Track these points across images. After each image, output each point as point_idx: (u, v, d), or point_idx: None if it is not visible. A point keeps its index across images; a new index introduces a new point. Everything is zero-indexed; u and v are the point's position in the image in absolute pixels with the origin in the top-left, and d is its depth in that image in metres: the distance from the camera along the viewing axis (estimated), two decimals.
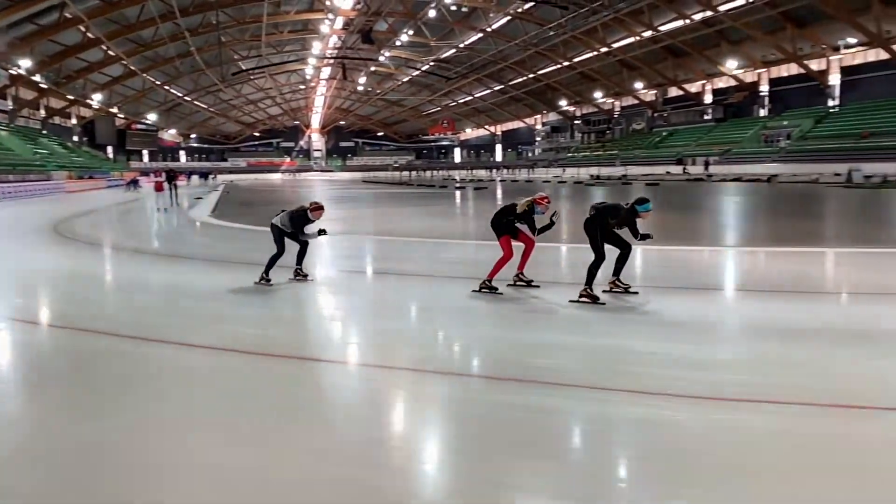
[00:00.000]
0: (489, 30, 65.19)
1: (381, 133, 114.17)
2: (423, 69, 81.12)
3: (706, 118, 64.74)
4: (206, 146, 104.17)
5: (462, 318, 6.61)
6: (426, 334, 6.17)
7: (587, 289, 6.74)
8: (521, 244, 7.50)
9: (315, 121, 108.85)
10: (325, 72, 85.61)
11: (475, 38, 68.20)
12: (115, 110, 77.56)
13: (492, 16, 62.31)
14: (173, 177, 27.68)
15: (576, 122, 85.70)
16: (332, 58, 76.10)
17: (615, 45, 62.56)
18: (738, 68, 58.99)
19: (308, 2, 62.39)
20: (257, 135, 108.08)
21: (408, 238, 13.49)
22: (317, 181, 71.62)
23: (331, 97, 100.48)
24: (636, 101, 74.36)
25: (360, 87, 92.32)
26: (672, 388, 4.31)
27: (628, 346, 5.41)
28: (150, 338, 5.81)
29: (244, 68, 74.99)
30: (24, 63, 51.60)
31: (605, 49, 63.65)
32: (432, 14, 59.73)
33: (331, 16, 62.51)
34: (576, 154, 78.88)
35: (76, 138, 72.13)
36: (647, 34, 58.02)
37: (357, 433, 3.83)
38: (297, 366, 5.10)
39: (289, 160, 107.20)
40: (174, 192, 26.55)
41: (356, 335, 6.30)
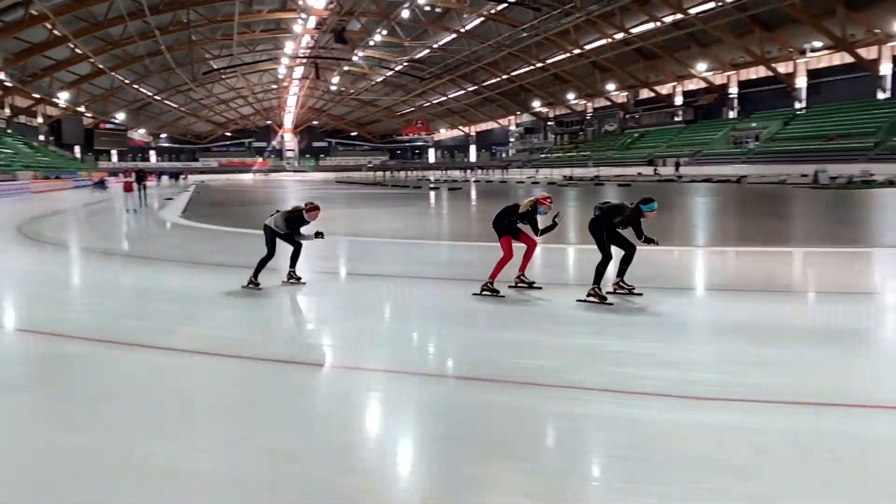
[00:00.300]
0: (462, 31, 65.31)
1: (355, 133, 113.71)
2: (396, 69, 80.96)
3: (677, 120, 65.60)
4: (176, 146, 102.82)
5: (436, 318, 6.61)
6: (401, 335, 6.15)
7: (595, 288, 6.74)
8: (523, 245, 7.38)
9: (288, 121, 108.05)
10: (298, 71, 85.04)
11: (449, 38, 68.26)
12: (82, 109, 76.20)
13: (465, 17, 62.42)
14: (143, 177, 27.24)
15: (549, 123, 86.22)
16: (304, 57, 75.60)
17: (587, 47, 63.09)
18: (707, 71, 59.88)
19: (280, 1, 61.86)
20: (229, 135, 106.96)
21: (382, 239, 13.45)
22: (289, 181, 71.05)
23: (304, 97, 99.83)
24: (608, 103, 75.07)
25: (333, 87, 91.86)
26: (643, 387, 4.35)
27: (600, 345, 5.44)
28: (119, 341, 5.70)
29: (215, 67, 74.16)
30: None
31: (577, 51, 64.16)
32: (406, 14, 59.66)
33: (303, 15, 62.09)
34: (549, 155, 79.35)
35: (42, 138, 70.67)
36: (619, 36, 58.63)
37: (330, 436, 3.80)
38: (270, 368, 5.05)
39: (261, 160, 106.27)
40: (143, 192, 26.15)
41: (329, 337, 6.26)
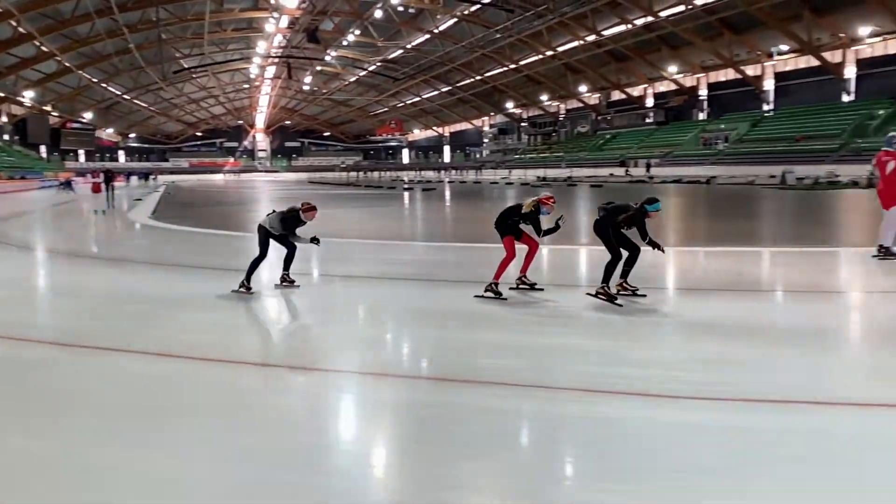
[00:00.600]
0: (436, 31, 65.35)
1: (328, 133, 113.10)
2: (370, 69, 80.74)
3: (648, 121, 66.40)
4: (146, 146, 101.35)
5: (411, 319, 6.60)
6: (373, 336, 6.13)
7: (604, 287, 6.75)
8: (525, 246, 7.32)
9: (259, 120, 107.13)
10: (270, 71, 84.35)
11: (422, 39, 68.27)
12: (48, 108, 74.70)
13: (439, 17, 62.46)
14: (111, 178, 26.77)
15: (522, 124, 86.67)
16: (277, 57, 75.00)
17: (560, 49, 63.56)
18: (678, 73, 60.70)
19: (252, 0, 61.34)
20: (199, 134, 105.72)
21: (355, 240, 13.39)
22: (261, 182, 70.45)
23: (276, 97, 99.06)
24: (581, 104, 75.69)
25: (305, 87, 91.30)
26: (613, 386, 4.39)
27: (571, 344, 5.48)
28: (84, 345, 5.60)
29: (186, 66, 73.24)
30: None
31: (550, 52, 64.59)
32: (379, 14, 59.52)
33: (275, 14, 61.62)
34: (523, 156, 79.75)
35: (7, 137, 69.13)
36: (591, 38, 59.18)
37: (303, 438, 3.77)
38: (240, 371, 4.99)
39: (232, 160, 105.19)
40: (111, 193, 25.70)
41: (302, 339, 6.22)
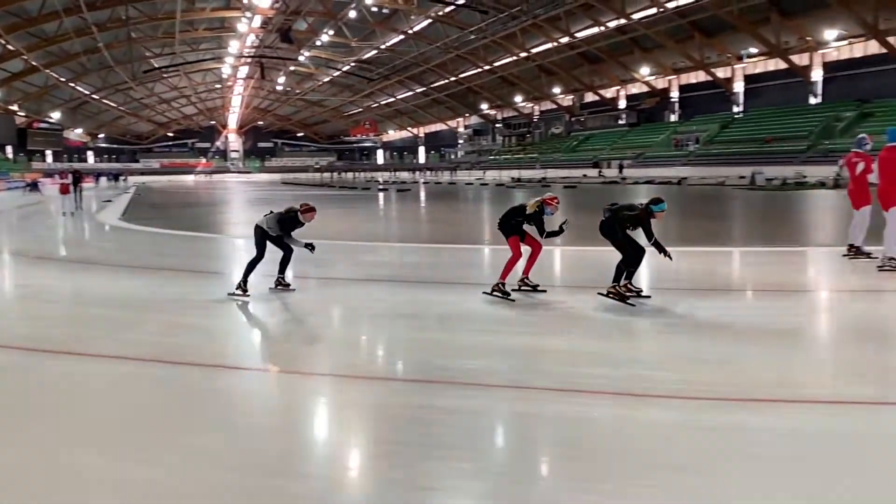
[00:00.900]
0: (410, 32, 65.31)
1: (302, 134, 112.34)
2: (344, 70, 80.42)
3: (620, 123, 67.00)
4: (115, 146, 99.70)
5: (385, 321, 6.58)
6: (348, 339, 6.10)
7: (615, 286, 6.77)
8: (528, 247, 7.27)
9: (232, 121, 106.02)
10: (243, 71, 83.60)
11: (396, 39, 68.17)
12: (14, 108, 73.10)
13: (413, 18, 62.43)
14: (79, 179, 26.26)
15: (497, 125, 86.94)
16: (249, 57, 74.37)
17: (534, 51, 63.91)
18: (650, 75, 61.38)
19: None
20: (171, 135, 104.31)
21: (330, 241, 13.29)
22: (234, 183, 69.74)
23: (248, 97, 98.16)
24: (555, 106, 76.13)
25: (279, 87, 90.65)
26: (591, 386, 4.42)
27: (547, 344, 5.50)
28: (53, 350, 5.49)
29: (157, 66, 72.30)
30: None
31: (524, 54, 64.90)
32: (353, 15, 59.32)
33: (248, 14, 61.08)
34: (497, 157, 79.99)
35: None
36: (565, 40, 59.59)
37: (273, 442, 3.73)
38: (212, 374, 4.93)
39: (204, 161, 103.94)
40: (79, 194, 25.21)
41: (276, 341, 6.16)
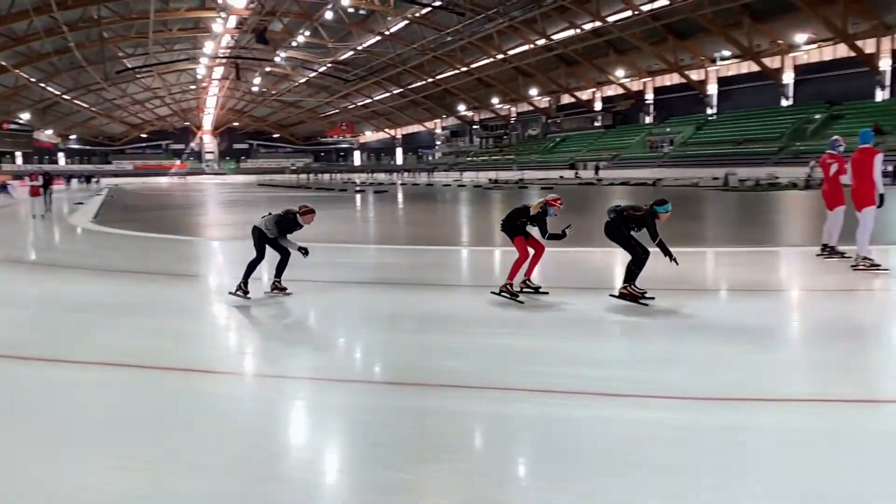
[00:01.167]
0: (387, 33, 65.18)
1: (278, 135, 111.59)
2: (320, 71, 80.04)
3: (596, 125, 67.52)
4: (87, 148, 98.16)
5: (363, 323, 6.54)
6: (325, 341, 6.05)
7: (627, 287, 6.76)
8: (531, 249, 7.25)
9: (207, 122, 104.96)
10: (218, 72, 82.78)
11: (373, 40, 68.01)
12: None
13: (389, 19, 62.33)
14: (49, 181, 25.79)
15: (474, 126, 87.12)
16: (224, 57, 73.66)
17: (510, 53, 64.16)
18: (625, 77, 61.96)
19: None
20: (144, 136, 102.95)
21: (306, 243, 13.20)
22: (209, 184, 69.01)
23: (224, 98, 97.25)
24: (531, 108, 76.50)
25: (254, 88, 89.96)
26: (567, 386, 4.43)
27: (523, 345, 5.50)
28: (24, 356, 5.37)
29: (130, 66, 71.26)
30: None
31: (500, 56, 65.10)
32: (329, 16, 59.02)
33: (223, 14, 60.43)
34: (475, 158, 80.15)
35: None
36: (541, 42, 59.91)
37: (252, 446, 3.68)
38: (186, 378, 4.86)
39: (179, 163, 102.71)
40: (49, 197, 24.75)
41: (250, 344, 6.10)
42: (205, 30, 65.41)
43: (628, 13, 50.83)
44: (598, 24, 53.33)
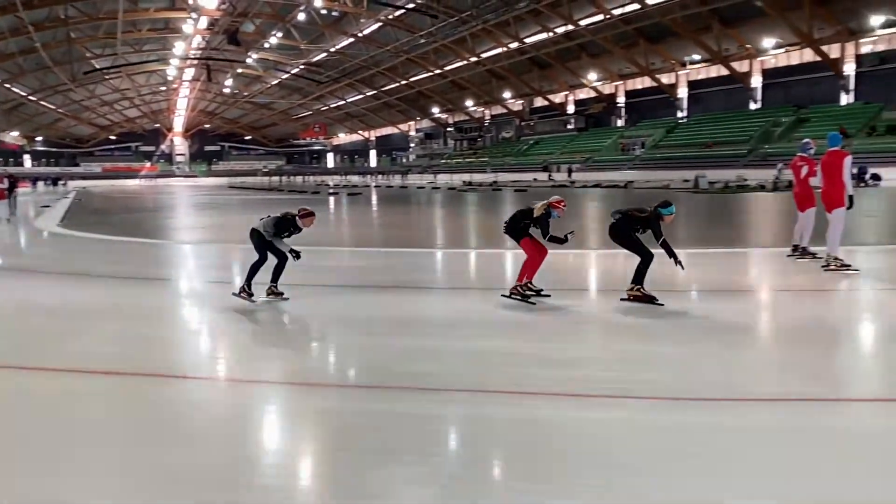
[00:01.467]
0: (360, 35, 64.99)
1: (249, 137, 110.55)
2: (292, 72, 79.52)
3: (569, 128, 67.98)
4: (54, 150, 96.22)
5: (336, 327, 6.50)
6: (297, 345, 6.00)
7: (640, 288, 6.77)
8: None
9: (178, 124, 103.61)
10: (189, 73, 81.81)
11: (346, 42, 67.74)
12: None
13: (363, 21, 62.16)
14: (14, 184, 25.21)
15: (448, 129, 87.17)
16: (195, 59, 72.81)
17: (484, 56, 64.34)
18: (597, 80, 62.50)
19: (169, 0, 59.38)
20: (113, 138, 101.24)
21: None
22: (179, 187, 68.15)
23: (195, 99, 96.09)
24: (505, 111, 76.80)
25: (226, 90, 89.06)
26: (540, 388, 4.45)
27: (497, 347, 5.51)
28: None
29: (98, 67, 70.05)
30: None
31: (474, 58, 65.24)
32: (302, 17, 58.72)
33: (194, 15, 59.76)
34: (449, 161, 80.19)
35: None
36: (514, 45, 60.19)
37: (223, 452, 3.63)
38: (157, 384, 4.78)
39: (149, 165, 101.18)
40: (14, 199, 24.18)
41: (222, 349, 6.02)
42: (175, 30, 64.62)
43: (600, 17, 51.29)
44: (570, 27, 53.74)
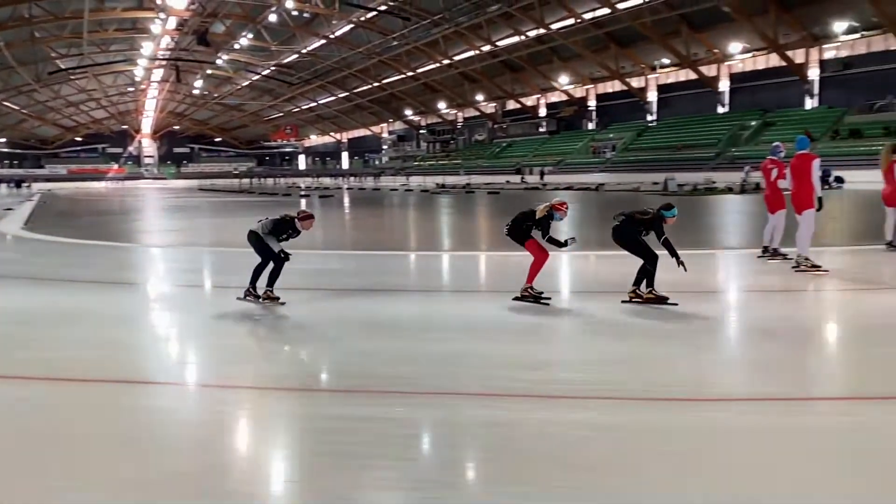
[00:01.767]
0: (332, 37, 64.69)
1: (220, 139, 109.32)
2: (263, 74, 78.85)
3: (541, 130, 68.43)
4: (18, 151, 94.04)
5: (308, 330, 6.45)
6: (267, 349, 5.94)
7: (651, 290, 6.79)
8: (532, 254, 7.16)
9: (146, 125, 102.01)
10: (157, 74, 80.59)
11: (318, 44, 67.36)
12: None
13: (335, 23, 61.88)
14: None
15: (421, 131, 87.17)
16: (164, 59, 71.76)
17: (456, 58, 64.47)
18: (568, 84, 63.04)
19: None
20: (79, 139, 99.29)
21: (248, 249, 12.93)
22: (148, 189, 67.12)
23: (163, 100, 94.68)
24: (478, 113, 77.06)
25: (195, 91, 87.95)
26: (509, 389, 4.46)
27: (467, 349, 5.50)
28: None
29: (63, 67, 68.68)
30: None
31: (447, 61, 65.38)
32: (273, 18, 58.25)
33: (162, 15, 58.88)
34: (422, 163, 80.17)
35: None
36: (486, 48, 60.43)
37: (195, 459, 3.57)
38: (124, 390, 4.69)
39: (116, 167, 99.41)
40: None
41: (191, 353, 5.93)
42: (143, 31, 63.59)
43: (571, 21, 51.74)
44: (541, 31, 54.10)
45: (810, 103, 45.42)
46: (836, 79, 43.50)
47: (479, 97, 73.00)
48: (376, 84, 76.06)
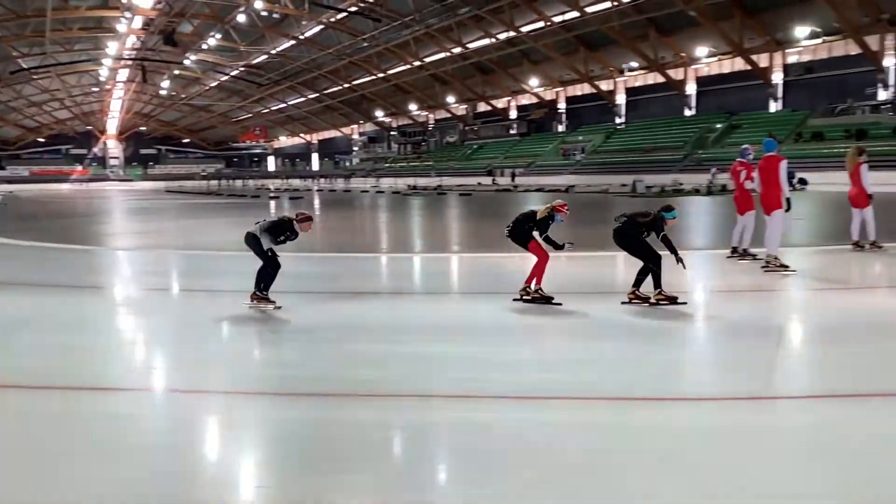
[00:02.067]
0: (302, 37, 64.26)
1: (187, 140, 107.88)
2: (232, 74, 78.02)
3: (512, 133, 68.79)
4: None
5: (277, 334, 6.37)
6: (240, 353, 5.84)
7: (661, 291, 6.77)
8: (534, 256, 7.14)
9: (111, 126, 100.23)
10: (123, 74, 79.25)
11: (287, 45, 66.88)
12: None
13: (304, 23, 61.50)
14: None
15: (392, 133, 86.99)
16: (130, 59, 70.59)
17: (427, 60, 64.52)
18: (539, 86, 63.48)
19: None
20: (42, 140, 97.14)
21: (218, 252, 12.78)
22: (113, 191, 65.85)
23: (129, 101, 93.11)
24: (449, 115, 77.17)
25: (162, 92, 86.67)
26: (484, 390, 4.46)
27: (441, 352, 5.49)
28: None
29: (25, 67, 67.18)
30: None
31: (417, 63, 65.38)
32: (242, 19, 57.70)
33: (128, 14, 57.89)
34: (393, 164, 79.99)
35: None
36: (457, 51, 60.59)
37: (162, 468, 3.49)
38: (89, 397, 4.57)
39: (80, 168, 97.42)
40: None
41: (159, 359, 5.82)
42: (108, 30, 62.49)
43: (541, 24, 52.16)
44: (512, 34, 54.43)
45: (774, 106, 46.36)
46: (799, 82, 44.49)
47: (451, 99, 73.12)
48: (347, 85, 75.76)
